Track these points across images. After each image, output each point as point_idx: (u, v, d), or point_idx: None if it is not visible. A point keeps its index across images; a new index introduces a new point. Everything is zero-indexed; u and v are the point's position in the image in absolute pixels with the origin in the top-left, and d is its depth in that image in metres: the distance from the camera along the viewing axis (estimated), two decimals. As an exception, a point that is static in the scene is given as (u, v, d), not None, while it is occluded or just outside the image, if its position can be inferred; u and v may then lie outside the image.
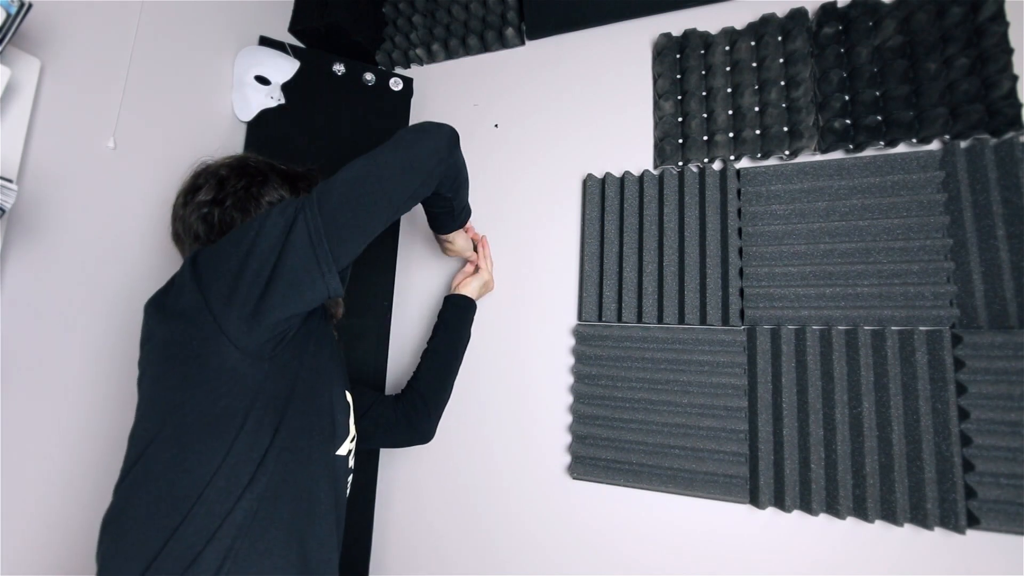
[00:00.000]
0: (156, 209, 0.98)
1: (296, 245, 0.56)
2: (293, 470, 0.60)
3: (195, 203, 0.70)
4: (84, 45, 0.87)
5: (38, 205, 0.80)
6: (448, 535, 1.12)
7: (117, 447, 0.68)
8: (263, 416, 0.58)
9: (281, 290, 0.56)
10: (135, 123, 0.96)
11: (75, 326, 0.86)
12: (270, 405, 0.59)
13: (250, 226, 0.58)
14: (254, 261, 0.56)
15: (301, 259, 0.56)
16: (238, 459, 0.56)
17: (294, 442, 0.61)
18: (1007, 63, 0.87)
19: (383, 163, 0.63)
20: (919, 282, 0.87)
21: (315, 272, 0.57)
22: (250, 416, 0.57)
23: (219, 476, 0.55)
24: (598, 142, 1.18)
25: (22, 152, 0.76)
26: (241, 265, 0.56)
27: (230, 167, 0.73)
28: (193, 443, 0.56)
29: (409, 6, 1.44)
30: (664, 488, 0.96)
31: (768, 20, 1.05)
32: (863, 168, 0.93)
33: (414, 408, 0.96)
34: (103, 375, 0.89)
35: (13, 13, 0.65)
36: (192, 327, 0.58)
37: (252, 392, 0.58)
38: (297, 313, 0.59)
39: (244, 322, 0.56)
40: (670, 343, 1.00)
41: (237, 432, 0.57)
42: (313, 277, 0.57)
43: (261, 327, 0.57)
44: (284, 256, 0.56)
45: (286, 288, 0.56)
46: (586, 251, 1.11)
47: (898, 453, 0.83)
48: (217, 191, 0.70)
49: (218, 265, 0.58)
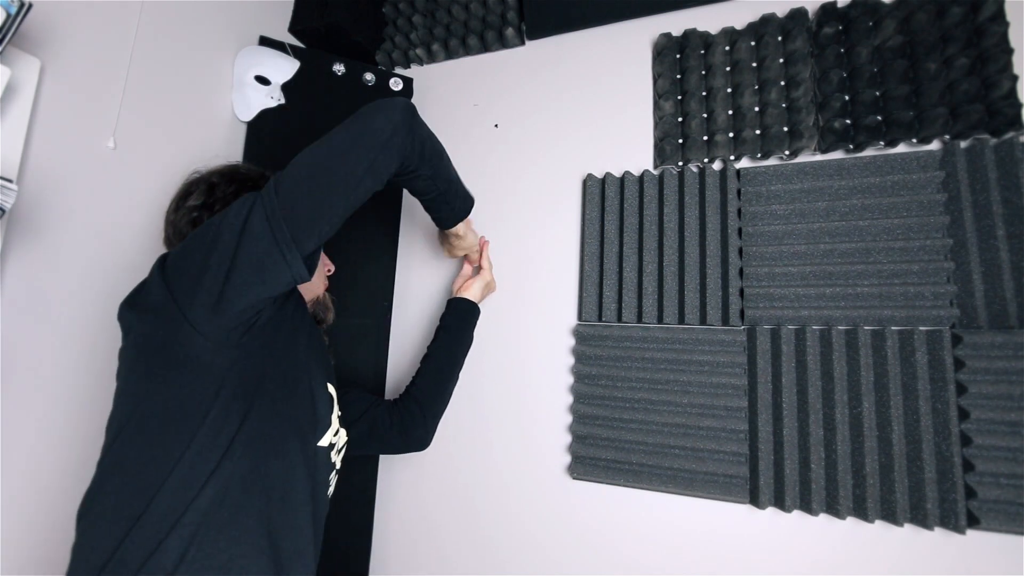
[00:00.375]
0: (156, 209, 0.98)
1: (255, 230, 0.56)
2: (265, 457, 0.60)
3: (186, 208, 0.72)
4: (84, 45, 0.87)
5: (38, 205, 0.80)
6: (448, 535, 1.12)
7: (117, 447, 0.68)
8: (230, 403, 0.58)
9: (243, 276, 0.56)
10: (135, 123, 0.96)
11: (75, 326, 0.86)
12: (238, 392, 0.59)
13: (213, 220, 0.59)
14: (216, 252, 0.57)
15: (261, 243, 0.56)
16: (203, 446, 0.56)
17: (266, 430, 0.61)
18: (1007, 63, 0.87)
19: (336, 141, 0.62)
20: (919, 282, 0.87)
21: (275, 255, 0.56)
22: (215, 403, 0.58)
23: (182, 463, 0.55)
24: (598, 142, 1.18)
25: (22, 152, 0.76)
26: (205, 256, 0.57)
27: (221, 174, 0.75)
28: (158, 432, 0.57)
29: (409, 6, 1.44)
30: (664, 488, 0.96)
31: (768, 20, 1.05)
32: (863, 168, 0.93)
33: (409, 414, 0.94)
34: (103, 375, 0.89)
35: (13, 13, 0.65)
36: (159, 320, 0.59)
37: (218, 380, 0.58)
38: (261, 298, 0.58)
39: (208, 310, 0.57)
40: (670, 343, 1.00)
41: (202, 419, 0.57)
42: (275, 259, 0.57)
43: (225, 314, 0.57)
44: (243, 242, 0.56)
45: (248, 274, 0.56)
46: (586, 251, 1.11)
47: (898, 453, 0.83)
48: (207, 196, 0.72)
49: (184, 259, 0.59)
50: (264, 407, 0.61)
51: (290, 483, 0.63)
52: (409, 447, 0.96)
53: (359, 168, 0.62)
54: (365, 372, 1.21)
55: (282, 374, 0.64)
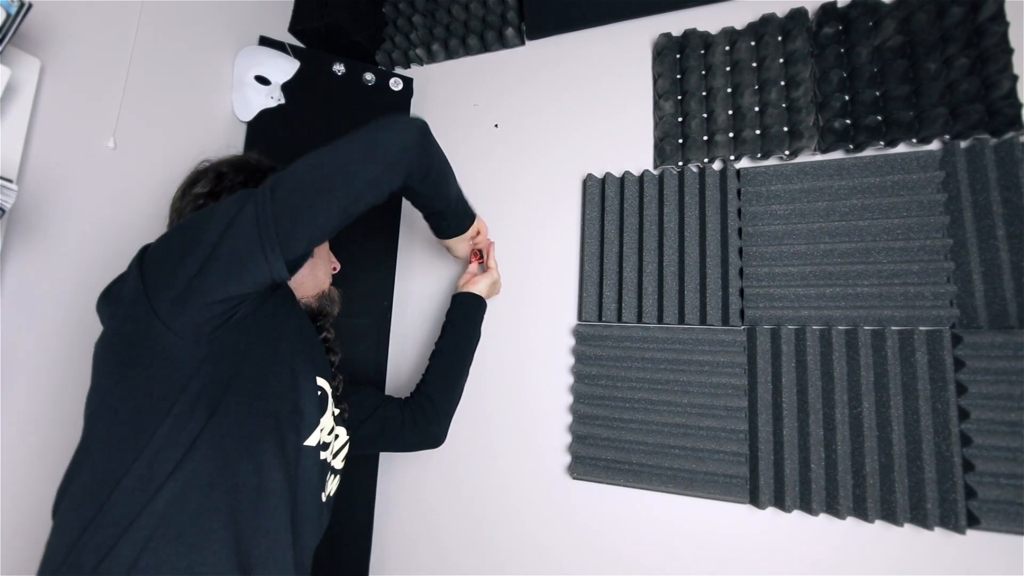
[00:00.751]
0: (156, 209, 0.98)
1: (241, 227, 0.55)
2: (234, 457, 0.57)
3: (192, 195, 0.71)
4: (84, 45, 0.87)
5: (38, 205, 0.80)
6: (448, 535, 1.12)
7: (117, 447, 0.68)
8: (196, 400, 0.56)
9: (219, 270, 0.55)
10: (135, 123, 0.96)
11: (75, 326, 0.86)
12: (206, 389, 0.57)
13: (202, 213, 0.58)
14: (198, 244, 0.55)
15: (244, 240, 0.55)
16: (163, 443, 0.53)
17: (236, 428, 0.57)
18: (1007, 63, 0.87)
19: (343, 151, 0.61)
20: (919, 282, 0.87)
21: (257, 254, 0.55)
22: (180, 398, 0.55)
23: (140, 462, 0.53)
24: (598, 142, 1.18)
25: (22, 152, 0.76)
26: (185, 248, 0.56)
27: (230, 164, 0.74)
28: (119, 428, 0.55)
29: (409, 6, 1.44)
30: (664, 488, 0.96)
31: (768, 20, 1.05)
32: (863, 168, 0.93)
33: (422, 411, 0.92)
34: (103, 375, 0.89)
35: (13, 13, 0.65)
36: (130, 312, 0.57)
37: (185, 375, 0.56)
38: (234, 295, 0.56)
39: (174, 303, 0.55)
40: (670, 343, 1.00)
41: (164, 416, 0.54)
42: (256, 259, 0.55)
43: (194, 307, 0.55)
44: (226, 237, 0.55)
45: (225, 268, 0.55)
46: (586, 251, 1.11)
47: (898, 453, 0.83)
48: (215, 184, 0.71)
49: (162, 249, 0.58)
50: (235, 404, 0.58)
51: (263, 485, 0.59)
52: (423, 444, 0.95)
53: (362, 182, 0.61)
54: (365, 371, 1.21)
55: (258, 371, 0.62)
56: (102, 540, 0.51)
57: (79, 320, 0.86)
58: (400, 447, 0.95)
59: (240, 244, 0.55)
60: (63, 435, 0.84)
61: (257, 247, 0.55)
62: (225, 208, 0.57)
